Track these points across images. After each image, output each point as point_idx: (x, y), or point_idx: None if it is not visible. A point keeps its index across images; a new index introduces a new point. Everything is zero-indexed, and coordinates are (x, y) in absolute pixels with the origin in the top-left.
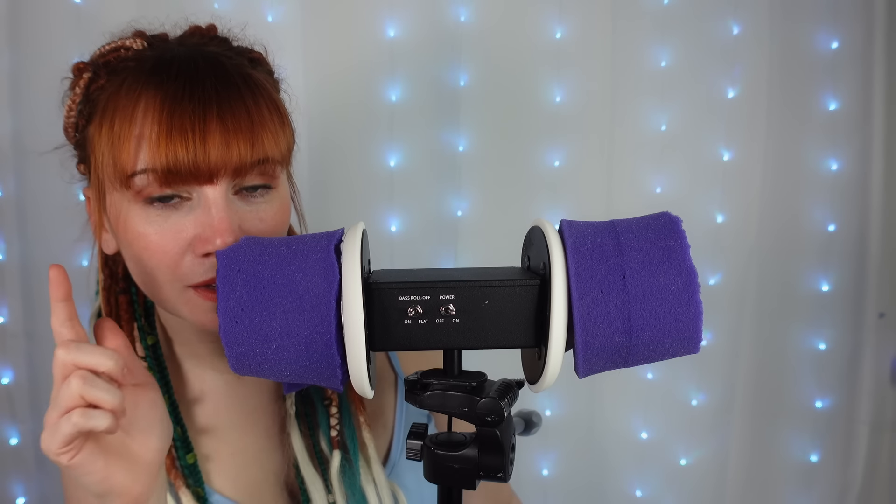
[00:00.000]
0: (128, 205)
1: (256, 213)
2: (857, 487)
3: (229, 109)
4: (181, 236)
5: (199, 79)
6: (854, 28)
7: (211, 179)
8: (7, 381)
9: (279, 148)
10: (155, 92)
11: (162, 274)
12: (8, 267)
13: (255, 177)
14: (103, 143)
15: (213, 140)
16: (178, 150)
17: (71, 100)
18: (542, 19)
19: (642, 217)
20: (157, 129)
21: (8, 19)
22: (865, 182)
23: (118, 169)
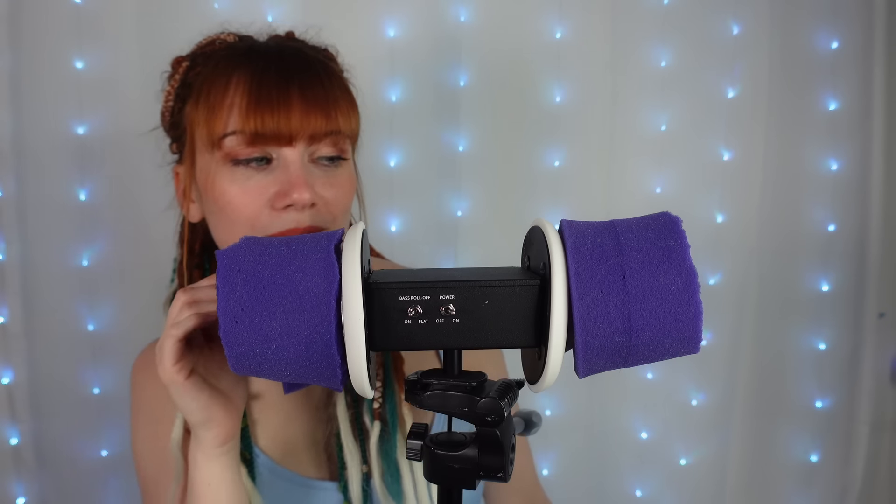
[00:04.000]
0: (216, 166)
1: (328, 179)
2: (857, 487)
3: (309, 86)
4: (262, 193)
5: (283, 60)
6: (854, 28)
7: (290, 142)
8: (7, 381)
9: (349, 124)
10: (245, 69)
11: (242, 227)
12: (8, 267)
13: (328, 147)
14: (200, 114)
15: (294, 109)
16: (265, 115)
17: (169, 87)
18: (542, 19)
19: (642, 217)
20: (247, 99)
21: (8, 19)
22: (865, 182)
23: (212, 132)
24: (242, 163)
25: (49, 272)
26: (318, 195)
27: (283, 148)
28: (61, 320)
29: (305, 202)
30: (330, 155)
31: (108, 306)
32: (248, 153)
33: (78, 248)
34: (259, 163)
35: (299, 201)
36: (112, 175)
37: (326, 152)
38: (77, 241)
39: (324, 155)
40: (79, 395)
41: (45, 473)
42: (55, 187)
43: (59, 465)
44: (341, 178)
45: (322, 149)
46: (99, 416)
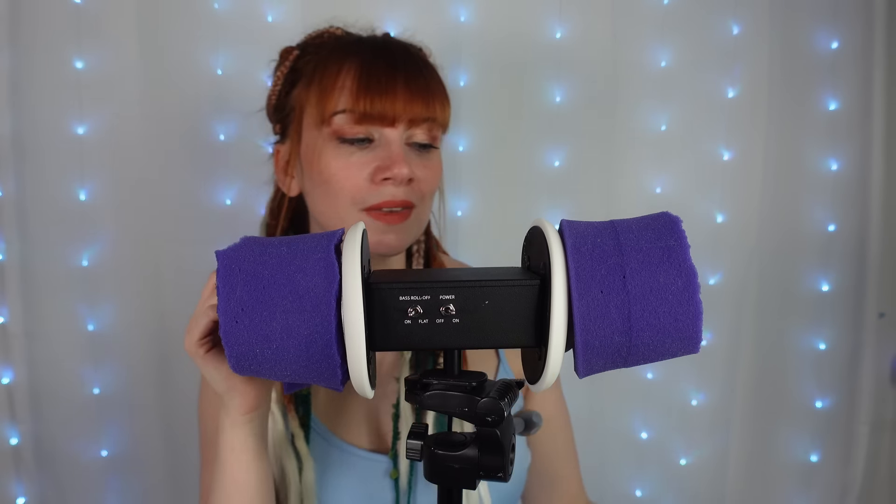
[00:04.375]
0: (323, 142)
1: (421, 161)
2: (857, 487)
3: (412, 75)
4: (364, 168)
5: (390, 51)
6: (854, 28)
7: (393, 123)
8: (7, 381)
9: (443, 114)
10: (356, 57)
11: (343, 198)
12: (8, 267)
13: (423, 134)
14: (311, 95)
15: (399, 94)
16: (373, 98)
17: (279, 73)
18: (542, 19)
19: (642, 217)
20: (358, 82)
21: (8, 19)
22: (865, 182)
23: (322, 111)
24: (347, 141)
25: (49, 272)
26: (413, 173)
27: (385, 128)
28: (61, 320)
29: (404, 176)
30: (423, 142)
31: (108, 306)
32: (354, 132)
33: (78, 248)
34: (362, 143)
35: (398, 175)
36: (112, 175)
37: (421, 138)
38: (77, 241)
39: (418, 141)
40: (79, 395)
41: (45, 473)
42: (55, 187)
43: (59, 465)
44: (432, 162)
45: (418, 134)
46: (99, 416)
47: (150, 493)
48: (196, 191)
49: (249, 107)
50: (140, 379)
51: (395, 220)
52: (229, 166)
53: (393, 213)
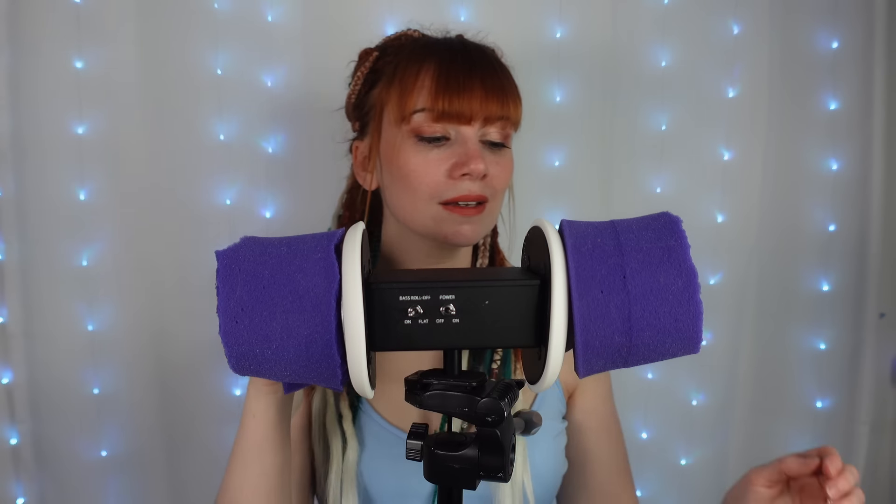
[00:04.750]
0: (402, 139)
1: (495, 157)
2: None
3: (488, 76)
4: (441, 164)
5: (467, 52)
6: (854, 28)
7: (469, 121)
8: (7, 381)
9: (516, 113)
10: (435, 57)
11: (422, 193)
12: (8, 267)
13: (497, 132)
14: (392, 94)
15: (475, 93)
16: (451, 96)
17: (359, 74)
18: (542, 19)
19: (642, 217)
20: (436, 82)
21: (8, 19)
22: (865, 182)
23: (402, 109)
24: (426, 139)
25: (49, 272)
26: (487, 169)
27: (462, 126)
28: (61, 320)
29: (480, 172)
30: (496, 140)
31: (107, 306)
32: (432, 131)
33: (78, 248)
34: (439, 140)
35: (475, 171)
36: (112, 175)
37: (494, 137)
38: (77, 241)
39: (491, 139)
40: (79, 395)
41: (44, 473)
42: (55, 187)
43: (59, 465)
44: (505, 160)
45: (492, 132)
46: (99, 416)
47: (150, 493)
48: (196, 191)
49: (249, 107)
50: (140, 379)
51: (470, 213)
52: (229, 166)
53: (468, 207)
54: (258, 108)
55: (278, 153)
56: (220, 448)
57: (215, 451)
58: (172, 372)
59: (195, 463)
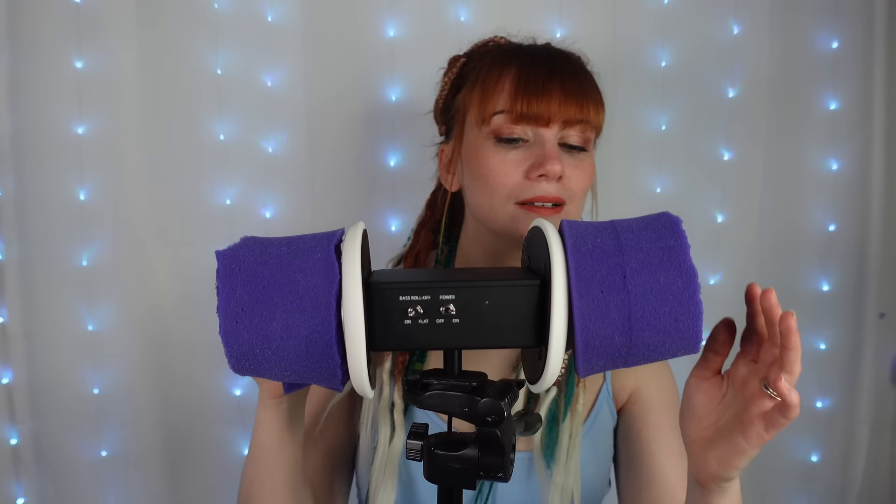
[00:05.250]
0: (482, 140)
1: (573, 161)
2: (857, 487)
3: (568, 79)
4: (519, 165)
5: (549, 56)
6: (854, 28)
7: (548, 123)
8: (7, 381)
9: (597, 118)
10: (516, 61)
11: (499, 193)
12: (8, 267)
13: (576, 136)
14: (474, 97)
15: (554, 96)
16: (530, 99)
17: (446, 79)
18: (542, 19)
19: (642, 217)
20: (516, 85)
21: (8, 19)
22: (865, 182)
23: (483, 111)
24: (504, 140)
25: (49, 272)
26: (565, 172)
27: (541, 128)
28: (61, 320)
29: (557, 173)
30: (576, 143)
31: (107, 306)
32: (511, 132)
33: (78, 248)
34: (517, 142)
35: (552, 172)
36: (112, 175)
37: (574, 140)
38: (77, 241)
39: (571, 142)
40: (79, 395)
41: (44, 473)
42: (55, 187)
43: (59, 465)
44: (584, 163)
45: (571, 136)
46: (99, 416)
47: (150, 493)
48: (196, 191)
49: (249, 107)
50: (140, 379)
51: (546, 213)
52: (229, 166)
53: (545, 208)
54: (258, 108)
55: (278, 153)
56: (220, 448)
57: (215, 451)
58: (172, 372)
59: (195, 463)
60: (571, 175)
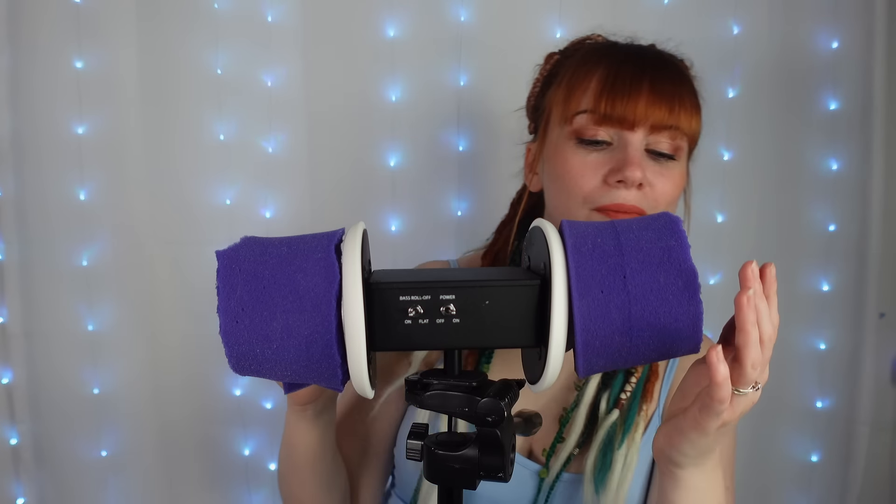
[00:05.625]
0: (564, 140)
1: (659, 169)
2: (857, 487)
3: (659, 81)
4: (598, 168)
5: (640, 56)
6: (854, 28)
7: (633, 127)
8: (7, 381)
9: (689, 124)
10: (606, 60)
11: (575, 196)
12: (8, 267)
13: (665, 143)
14: (559, 95)
15: (642, 98)
16: (615, 99)
17: (538, 76)
18: (542, 19)
19: (642, 217)
20: (602, 84)
21: (8, 19)
22: (865, 182)
23: (566, 110)
24: (585, 142)
25: (49, 272)
26: (647, 179)
27: (625, 132)
28: (61, 320)
29: (636, 180)
30: (664, 150)
31: (107, 306)
32: (594, 133)
33: (78, 248)
34: (599, 144)
35: (630, 178)
36: (112, 175)
37: (662, 147)
38: (77, 241)
39: (659, 149)
40: (79, 395)
41: (44, 473)
42: (55, 187)
43: (59, 465)
44: (672, 172)
45: (660, 142)
46: (99, 416)
47: (150, 493)
48: (196, 191)
49: (249, 107)
50: (140, 379)
51: None
52: (229, 166)
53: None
54: (258, 108)
55: (278, 153)
56: (220, 448)
57: (215, 451)
58: (172, 372)
59: (195, 463)
60: (655, 183)
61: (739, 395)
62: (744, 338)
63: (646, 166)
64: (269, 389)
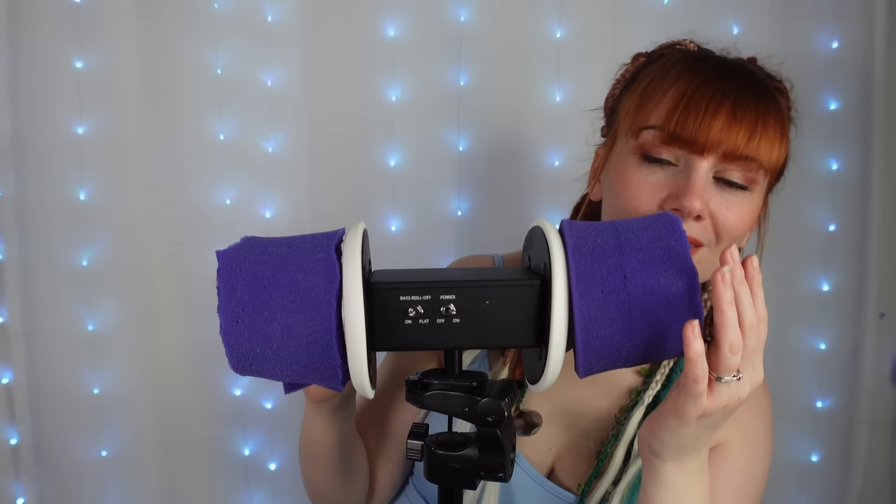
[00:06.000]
0: (628, 154)
1: (725, 199)
2: (857, 487)
3: (742, 104)
4: (657, 191)
5: (727, 73)
6: (854, 28)
7: (702, 152)
8: (7, 381)
9: (770, 156)
10: (687, 73)
11: (628, 215)
12: (8, 267)
13: (738, 172)
14: (631, 103)
15: (717, 122)
16: (687, 118)
17: (620, 77)
18: (542, 19)
19: (643, 217)
20: (676, 100)
21: (8, 19)
22: (865, 182)
23: (635, 121)
24: (649, 159)
25: (49, 272)
26: (709, 210)
27: (693, 156)
28: (61, 320)
29: (693, 211)
30: (734, 180)
31: (108, 306)
32: (657, 152)
33: (78, 248)
34: (663, 163)
35: (687, 208)
36: (112, 175)
37: (733, 176)
38: (77, 241)
39: (729, 178)
40: (79, 395)
41: (44, 473)
42: (55, 187)
43: (59, 465)
44: (740, 205)
45: (732, 171)
46: (99, 416)
47: (149, 493)
48: (196, 191)
49: (249, 107)
50: (140, 379)
51: None
52: (229, 166)
53: None
54: (258, 108)
55: (278, 153)
56: (220, 448)
57: (215, 451)
58: (172, 372)
59: (195, 463)
60: (718, 214)
61: (720, 384)
62: (720, 317)
63: (710, 196)
64: (269, 389)
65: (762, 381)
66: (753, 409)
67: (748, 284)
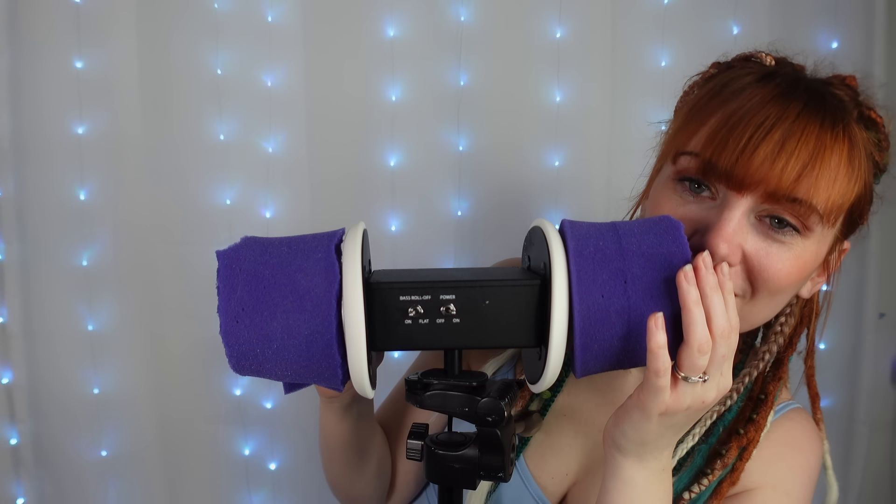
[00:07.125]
0: (666, 178)
1: (767, 247)
2: (857, 487)
3: (798, 135)
4: (689, 223)
5: (789, 96)
6: (854, 28)
7: (739, 188)
8: (7, 381)
9: (826, 198)
10: (742, 91)
11: None
12: (8, 267)
13: (788, 213)
14: (678, 120)
15: (762, 152)
16: (725, 148)
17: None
18: (542, 19)
19: (644, 220)
20: (721, 123)
21: (8, 19)
22: None
23: (675, 143)
24: (685, 189)
25: (49, 272)
26: (742, 254)
27: (731, 192)
28: (61, 320)
29: (719, 255)
30: (784, 217)
31: (108, 306)
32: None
33: (78, 248)
34: (701, 190)
35: (712, 250)
36: (112, 175)
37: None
38: (77, 241)
39: (778, 214)
40: (79, 395)
41: (44, 473)
42: (55, 187)
43: (59, 465)
44: (788, 251)
45: (779, 210)
46: (99, 416)
47: (149, 493)
48: (196, 191)
49: (249, 107)
50: (140, 379)
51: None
52: (229, 166)
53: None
54: (258, 108)
55: (278, 153)
56: (220, 448)
57: (215, 451)
58: (172, 372)
59: (195, 463)
60: (754, 260)
61: (686, 384)
62: (687, 316)
63: (747, 238)
64: (269, 389)
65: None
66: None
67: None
